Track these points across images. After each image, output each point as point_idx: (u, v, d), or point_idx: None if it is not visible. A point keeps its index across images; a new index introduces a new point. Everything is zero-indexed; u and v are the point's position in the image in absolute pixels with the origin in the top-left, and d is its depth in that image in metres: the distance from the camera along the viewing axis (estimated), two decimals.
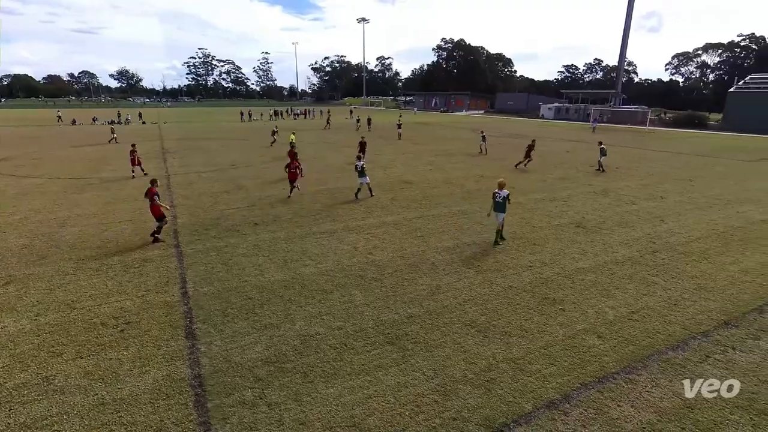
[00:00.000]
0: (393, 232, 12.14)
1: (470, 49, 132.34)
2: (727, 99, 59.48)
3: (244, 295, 8.46)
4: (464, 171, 22.08)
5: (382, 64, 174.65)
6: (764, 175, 22.14)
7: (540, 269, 9.73)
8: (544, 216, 13.93)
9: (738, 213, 14.52)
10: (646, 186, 18.91)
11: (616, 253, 10.78)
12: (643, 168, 23.78)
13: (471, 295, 8.47)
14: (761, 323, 7.57)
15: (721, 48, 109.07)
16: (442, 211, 14.33)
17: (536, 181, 19.67)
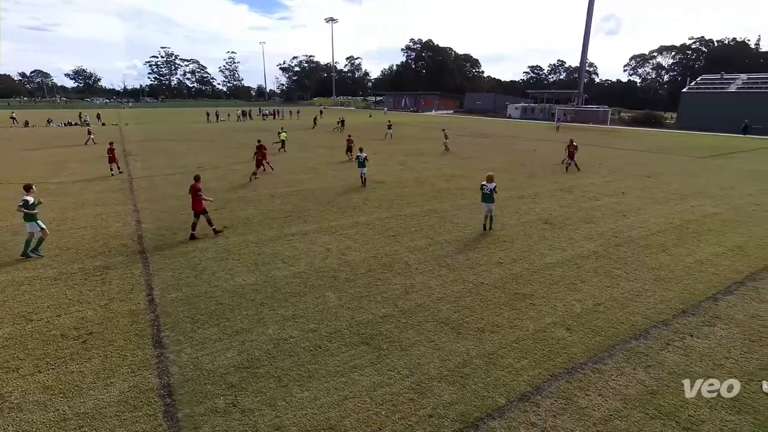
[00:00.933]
0: (366, 233, 12.13)
1: (438, 50, 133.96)
2: (680, 99, 62.64)
3: (214, 301, 8.25)
4: (435, 170, 22.32)
5: (352, 64, 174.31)
6: (715, 170, 23.46)
7: (510, 265, 9.95)
8: (513, 213, 14.26)
9: (692, 207, 15.32)
10: (609, 182, 19.66)
11: (582, 247, 11.16)
12: (605, 165, 24.71)
13: (444, 293, 8.58)
14: (715, 311, 8.02)
15: (674, 50, 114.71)
16: (414, 211, 14.43)
17: (505, 179, 20.11)
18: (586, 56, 79.85)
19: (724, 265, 10.09)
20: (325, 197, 16.21)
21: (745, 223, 13.35)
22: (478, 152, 29.28)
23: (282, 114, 72.74)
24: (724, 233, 12.39)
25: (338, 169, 22.50)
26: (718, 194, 17.40)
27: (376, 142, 34.35)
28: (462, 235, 11.97)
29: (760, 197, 16.91)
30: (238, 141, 35.26)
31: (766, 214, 14.41)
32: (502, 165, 24.14)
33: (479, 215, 13.88)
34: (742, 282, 9.21)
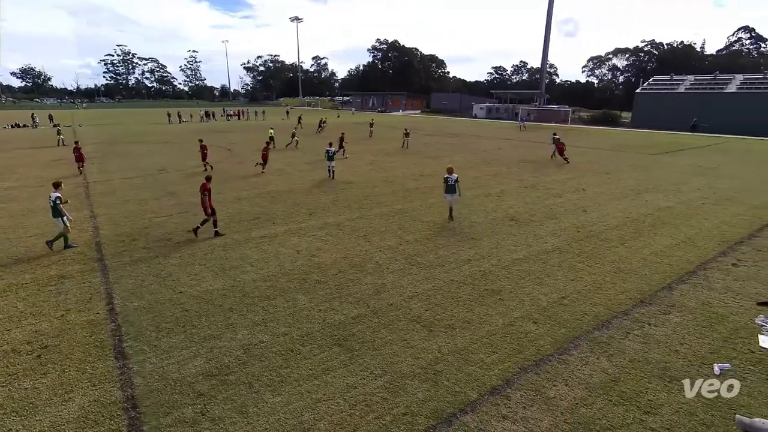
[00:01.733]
0: (336, 234, 12.07)
1: (404, 50, 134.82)
2: (634, 99, 65.76)
3: (180, 307, 7.99)
4: (404, 170, 22.47)
5: (318, 64, 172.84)
6: (666, 166, 24.76)
7: (479, 262, 10.15)
8: (481, 211, 14.55)
9: (647, 201, 16.12)
10: (570, 179, 20.39)
11: (546, 243, 11.53)
12: (567, 163, 25.60)
13: (415, 292, 8.65)
14: (670, 299, 8.47)
15: (628, 52, 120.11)
16: (384, 211, 14.48)
17: (471, 177, 20.48)
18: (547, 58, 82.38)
19: (677, 256, 10.68)
20: (294, 199, 16.00)
21: (695, 216, 14.17)
22: (445, 151, 29.67)
23: (247, 114, 71.16)
24: (676, 226, 13.10)
25: (306, 170, 22.27)
26: (670, 189, 18.38)
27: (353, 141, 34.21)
28: (432, 234, 12.10)
29: (707, 191, 17.99)
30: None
31: (713, 207, 15.35)
32: (469, 163, 24.57)
33: (447, 213, 14.08)
34: (693, 272, 9.77)
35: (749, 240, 11.95)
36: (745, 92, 56.04)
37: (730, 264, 10.23)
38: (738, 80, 60.39)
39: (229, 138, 38.10)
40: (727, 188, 18.71)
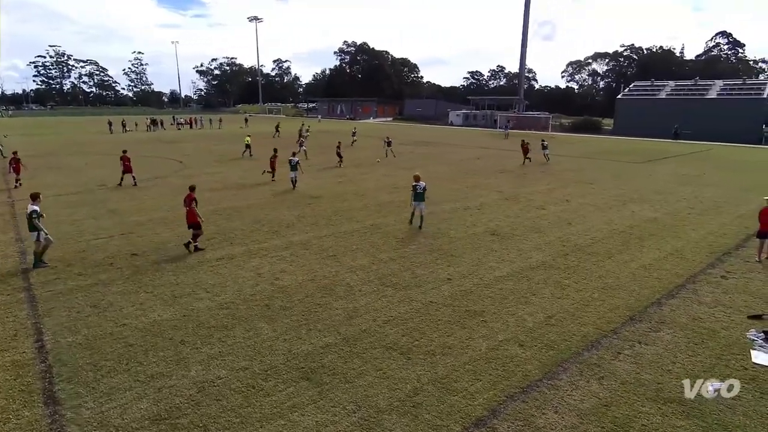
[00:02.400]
0: (301, 254, 11.93)
1: (374, 53, 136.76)
2: (616, 105, 68.81)
3: (122, 342, 7.65)
4: (376, 182, 22.56)
5: (280, 67, 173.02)
6: (651, 175, 25.91)
7: (459, 281, 10.22)
8: (460, 225, 14.73)
9: (633, 212, 16.75)
10: (553, 190, 20.99)
11: (531, 258, 11.75)
12: (549, 172, 26.39)
13: (391, 315, 8.61)
14: (660, 315, 8.76)
15: (607, 57, 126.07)
16: (355, 227, 14.45)
17: (449, 190, 20.77)
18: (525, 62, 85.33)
19: (665, 269, 11.09)
20: (254, 215, 15.77)
21: (682, 227, 14.81)
22: (420, 161, 30.04)
23: (201, 123, 70.04)
24: (663, 237, 13.64)
25: (267, 183, 22.03)
26: (656, 199, 19.19)
27: (310, 152, 34.14)
28: (408, 252, 12.14)
29: (693, 201, 18.88)
30: (149, 153, 33.45)
31: (699, 218, 16.10)
32: (445, 174, 24.93)
33: (425, 229, 14.19)
34: (682, 285, 10.17)
35: (736, 251, 12.56)
36: (725, 98, 59.64)
37: (719, 276, 10.70)
38: (718, 86, 64.29)
39: (180, 149, 37.38)
40: (712, 197, 19.69)
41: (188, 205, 11.80)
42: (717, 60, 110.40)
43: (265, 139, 44.22)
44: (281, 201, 18.14)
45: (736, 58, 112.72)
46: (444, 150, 38.68)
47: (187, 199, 11.88)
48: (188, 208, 11.80)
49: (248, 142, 33.16)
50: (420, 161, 30.31)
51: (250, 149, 32.49)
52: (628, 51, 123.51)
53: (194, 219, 11.83)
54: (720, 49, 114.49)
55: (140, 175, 24.18)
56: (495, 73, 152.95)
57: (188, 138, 48.29)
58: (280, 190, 20.37)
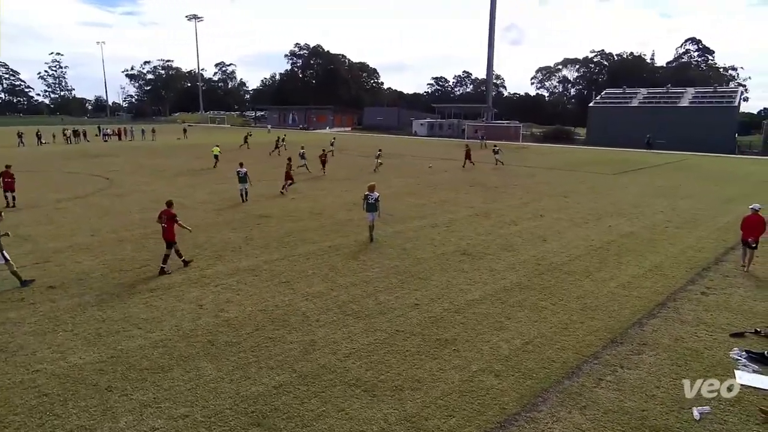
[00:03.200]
0: (250, 281, 11.69)
1: (330, 57, 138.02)
2: (588, 113, 72.15)
3: (35, 392, 7.19)
4: (334, 198, 22.53)
5: (223, 72, 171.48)
6: (626, 187, 27.18)
7: (428, 306, 10.28)
8: (427, 245, 14.88)
9: (610, 227, 17.46)
10: (526, 204, 21.61)
11: (505, 279, 11.99)
12: (521, 185, 27.21)
13: (353, 348, 8.52)
14: (642, 337, 9.09)
15: (578, 63, 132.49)
16: (311, 249, 14.34)
17: (415, 206, 20.99)
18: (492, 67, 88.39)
19: (645, 287, 11.57)
20: (195, 238, 15.35)
21: (660, 242, 15.54)
22: (382, 175, 30.26)
23: (131, 134, 67.98)
24: (642, 253, 14.27)
25: (208, 201, 21.57)
26: (632, 212, 20.10)
27: (258, 165, 33.71)
28: (370, 276, 12.12)
29: (670, 213, 19.90)
30: (71, 169, 32.13)
31: (677, 231, 16.96)
32: (410, 189, 25.22)
33: (390, 249, 14.24)
34: (663, 303, 10.63)
35: (716, 265, 13.30)
36: (697, 107, 63.73)
37: (700, 293, 11.27)
38: (690, 94, 68.70)
39: (108, 163, 36.10)
40: (689, 209, 20.83)
41: (165, 221, 12.21)
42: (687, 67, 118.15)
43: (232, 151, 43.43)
44: (226, 221, 17.77)
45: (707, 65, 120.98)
46: (408, 162, 39.19)
47: (164, 214, 12.28)
48: (164, 225, 12.21)
49: (217, 152, 34.68)
50: (382, 175, 30.53)
51: (217, 160, 34.04)
52: (598, 57, 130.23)
53: (171, 236, 12.27)
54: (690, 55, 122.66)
55: (59, 194, 23.13)
56: (461, 79, 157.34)
57: (117, 151, 46.76)
58: (225, 207, 19.96)
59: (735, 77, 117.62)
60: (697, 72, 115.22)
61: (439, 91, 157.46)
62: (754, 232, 12.65)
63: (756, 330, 9.20)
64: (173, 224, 12.24)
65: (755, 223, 12.73)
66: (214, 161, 34.00)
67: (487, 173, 32.83)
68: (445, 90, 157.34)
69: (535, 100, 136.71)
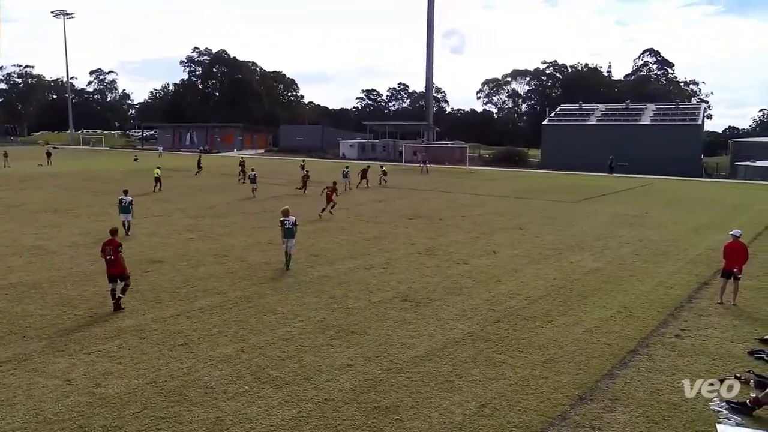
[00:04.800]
0: (136, 345, 11.14)
1: (237, 65, 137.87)
2: (542, 132, 76.28)
3: None
4: (245, 237, 22.14)
5: (101, 81, 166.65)
6: (587, 216, 28.73)
7: (364, 367, 10.19)
8: (361, 291, 14.87)
9: (572, 263, 18.29)
10: (477, 239, 22.24)
11: (454, 329, 12.15)
12: (470, 216, 28.05)
13: (271, 425, 8.28)
14: (613, 391, 9.47)
15: (528, 75, 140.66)
16: (216, 301, 13.94)
17: (345, 243, 21.01)
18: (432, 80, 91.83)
19: (614, 332, 12.13)
20: (61, 294, 14.51)
21: (628, 279, 16.45)
22: (303, 207, 30.15)
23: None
24: (609, 292, 15.02)
25: (80, 244, 20.49)
26: (596, 245, 21.20)
27: (147, 198, 32.58)
28: (292, 332, 11.92)
29: (637, 246, 21.18)
30: None
31: (646, 266, 18.05)
32: (339, 222, 25.28)
33: (315, 298, 14.08)
34: (635, 350, 11.17)
35: (689, 303, 14.23)
36: (659, 125, 69.18)
37: (674, 336, 11.97)
38: (651, 111, 74.56)
39: None
40: (658, 240, 22.28)
41: (114, 253, 13.13)
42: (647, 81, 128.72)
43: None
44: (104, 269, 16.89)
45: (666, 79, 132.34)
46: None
47: (111, 246, 13.21)
48: (114, 256, 13.12)
49: (158, 174, 37.38)
50: (302, 206, 30.43)
51: (160, 184, 37.12)
52: (550, 68, 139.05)
53: (122, 269, 13.20)
54: (649, 68, 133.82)
55: None
56: (396, 93, 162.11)
57: None
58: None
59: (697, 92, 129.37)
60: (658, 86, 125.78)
61: (371, 106, 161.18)
62: (738, 261, 13.71)
63: (736, 376, 9.82)
64: (119, 255, 13.20)
65: (738, 251, 13.84)
66: (155, 185, 36.90)
67: (429, 203, 33.58)
68: (378, 105, 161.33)
69: (482, 117, 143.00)
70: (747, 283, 15.19)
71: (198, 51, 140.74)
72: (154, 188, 36.78)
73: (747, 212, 31.77)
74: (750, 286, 15.37)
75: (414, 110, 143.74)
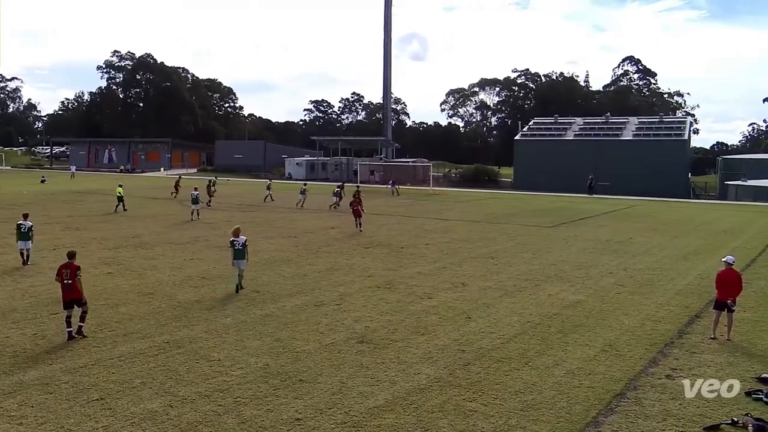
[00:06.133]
0: (41, 401, 10.74)
1: (165, 72, 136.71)
2: (514, 148, 77.84)
3: None
4: (174, 270, 21.72)
5: (1, 89, 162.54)
6: (566, 242, 29.33)
7: (314, 421, 10.04)
8: (311, 332, 14.70)
9: (550, 296, 18.54)
10: (443, 269, 22.35)
11: (419, 374, 12.09)
12: (435, 244, 28.24)
13: None
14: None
15: (498, 85, 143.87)
16: (139, 347, 13.58)
17: (291, 276, 20.81)
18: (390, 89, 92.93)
19: (599, 373, 12.28)
20: None
21: (612, 313, 16.76)
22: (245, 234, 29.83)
23: None
24: (591, 328, 15.25)
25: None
26: (576, 276, 21.59)
27: (53, 224, 31.66)
28: (230, 381, 11.67)
29: (621, 275, 21.66)
30: None
31: (632, 298, 18.44)
32: (285, 253, 25.11)
33: (256, 341, 13.85)
34: (622, 393, 11.30)
35: (680, 339, 14.55)
36: (643, 140, 71.53)
37: (664, 376, 12.17)
38: (633, 125, 77.16)
39: None
40: (643, 269, 22.85)
41: (72, 276, 13.96)
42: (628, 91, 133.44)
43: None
44: (6, 311, 16.28)
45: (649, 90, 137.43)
46: (280, 215, 39.09)
47: (68, 269, 14.06)
48: (72, 280, 13.93)
49: (120, 193, 40.08)
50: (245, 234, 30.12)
51: (123, 203, 39.95)
52: (522, 78, 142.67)
53: (80, 294, 14.08)
54: (630, 78, 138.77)
55: None
56: (350, 104, 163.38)
57: None
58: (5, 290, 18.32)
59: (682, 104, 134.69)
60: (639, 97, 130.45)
61: (321, 119, 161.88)
62: (732, 292, 14.12)
63: (733, 420, 10.04)
64: (77, 279, 14.06)
65: (731, 280, 14.26)
66: (117, 203, 39.74)
67: (388, 229, 33.66)
68: (329, 118, 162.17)
69: (447, 131, 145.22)
70: (742, 315, 15.69)
71: (119, 55, 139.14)
72: (116, 208, 39.63)
73: (739, 237, 32.99)
74: (745, 318, 15.87)
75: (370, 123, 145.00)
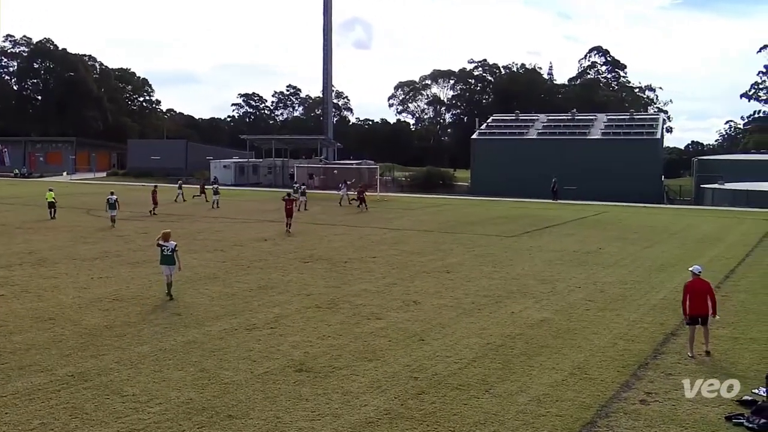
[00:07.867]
0: None
1: (68, 60, 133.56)
2: (471, 148, 78.66)
3: None
4: (78, 292, 21.15)
5: None
6: (529, 254, 29.76)
7: None
8: (241, 360, 14.51)
9: (512, 314, 18.74)
10: (392, 286, 22.40)
11: (366, 406, 12.03)
12: (382, 257, 28.32)
13: None
14: None
15: (452, 77, 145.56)
16: (38, 382, 13.15)
17: (218, 296, 20.51)
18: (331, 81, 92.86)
19: (567, 399, 12.45)
20: None
21: (581, 332, 17.04)
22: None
23: None
24: (559, 349, 15.47)
25: None
26: (541, 291, 21.92)
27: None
28: (146, 420, 11.41)
29: (590, 289, 22.09)
30: None
31: (602, 314, 18.81)
32: (212, 268, 24.86)
33: (178, 372, 13.58)
34: (592, 422, 11.45)
35: (654, 360, 14.87)
36: (612, 139, 73.31)
37: (638, 401, 12.40)
38: (601, 122, 79.05)
39: None
40: (614, 282, 23.36)
41: None
42: (595, 85, 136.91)
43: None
44: None
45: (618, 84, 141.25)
46: (203, 227, 38.57)
47: None
48: None
49: (52, 199, 41.87)
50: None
51: (54, 209, 41.89)
52: (480, 69, 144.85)
53: None
54: (597, 71, 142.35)
55: None
56: (285, 98, 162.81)
57: None
58: None
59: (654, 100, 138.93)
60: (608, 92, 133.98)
61: (252, 115, 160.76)
62: (704, 304, 14.52)
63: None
64: None
65: (701, 291, 14.70)
66: (50, 212, 41.53)
67: (329, 241, 33.55)
68: (261, 114, 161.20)
69: (395, 129, 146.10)
70: (721, 332, 16.20)
71: (12, 40, 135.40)
72: (52, 215, 41.51)
73: (717, 245, 34.03)
74: (724, 335, 16.37)
75: (309, 120, 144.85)
